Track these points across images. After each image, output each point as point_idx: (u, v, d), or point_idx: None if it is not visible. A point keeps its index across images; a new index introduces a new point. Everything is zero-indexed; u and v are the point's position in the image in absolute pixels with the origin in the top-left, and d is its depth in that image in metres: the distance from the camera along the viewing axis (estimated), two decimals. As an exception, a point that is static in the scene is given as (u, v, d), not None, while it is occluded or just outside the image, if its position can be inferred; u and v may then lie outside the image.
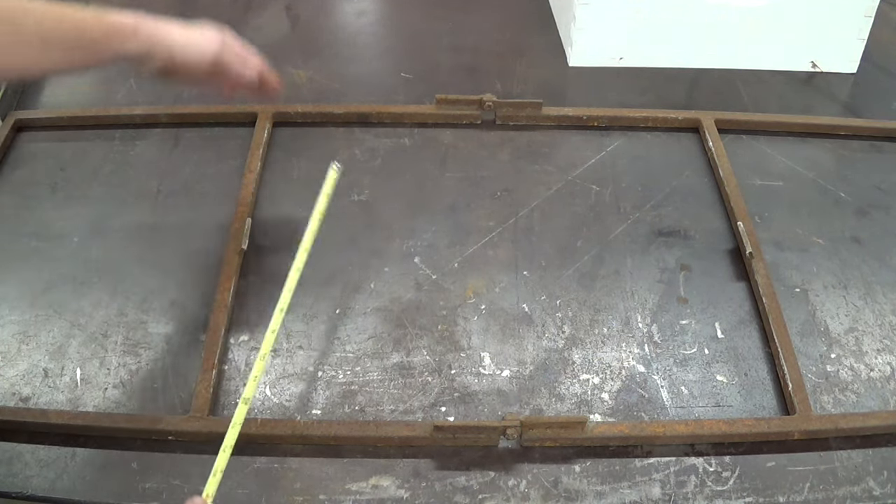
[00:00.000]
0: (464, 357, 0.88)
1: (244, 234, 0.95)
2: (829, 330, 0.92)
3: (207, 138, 1.12)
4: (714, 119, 1.14)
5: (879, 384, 0.87)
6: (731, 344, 0.90)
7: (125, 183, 1.06)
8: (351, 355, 0.87)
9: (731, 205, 1.03)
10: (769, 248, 0.99)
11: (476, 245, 0.99)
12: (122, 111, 1.14)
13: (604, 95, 1.24)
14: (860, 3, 1.25)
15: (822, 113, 1.22)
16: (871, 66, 1.32)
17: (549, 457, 0.80)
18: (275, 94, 0.87)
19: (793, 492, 0.78)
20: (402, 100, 1.20)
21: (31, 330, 0.88)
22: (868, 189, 1.09)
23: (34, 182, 1.05)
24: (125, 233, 0.99)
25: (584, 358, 0.88)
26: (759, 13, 1.25)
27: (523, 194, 1.06)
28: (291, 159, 1.09)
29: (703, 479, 0.78)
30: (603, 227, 1.02)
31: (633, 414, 0.83)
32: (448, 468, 0.79)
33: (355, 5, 1.45)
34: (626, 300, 0.94)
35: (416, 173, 1.09)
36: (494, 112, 1.15)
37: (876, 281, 0.97)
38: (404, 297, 0.93)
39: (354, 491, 0.76)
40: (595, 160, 1.11)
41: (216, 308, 0.88)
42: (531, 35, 1.37)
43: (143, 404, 0.82)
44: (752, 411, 0.84)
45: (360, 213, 1.03)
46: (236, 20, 1.38)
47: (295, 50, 1.31)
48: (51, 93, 1.21)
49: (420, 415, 0.83)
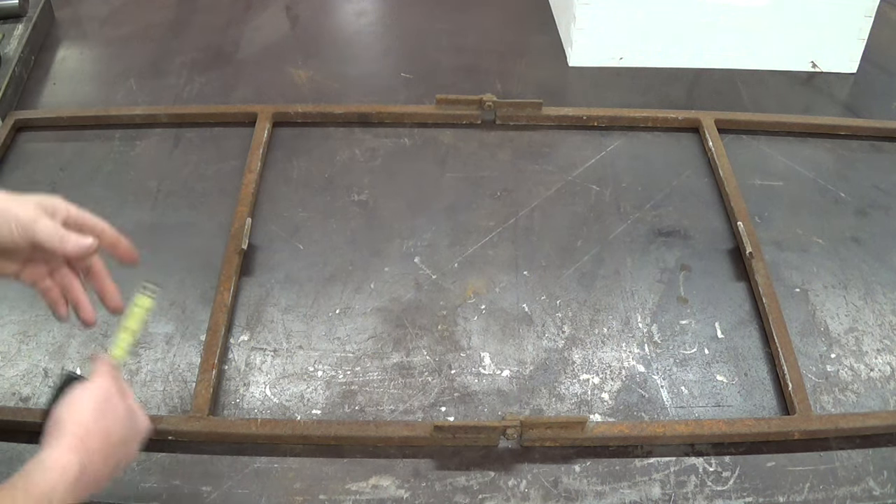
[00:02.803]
0: (464, 357, 0.88)
1: (244, 234, 0.95)
2: (829, 330, 0.92)
3: (207, 138, 1.12)
4: (714, 119, 1.14)
5: (879, 384, 0.87)
6: (731, 344, 0.90)
7: (125, 183, 1.06)
8: (351, 355, 0.87)
9: (731, 205, 1.03)
10: (769, 248, 0.99)
11: (476, 245, 0.99)
12: (122, 111, 1.14)
13: (604, 95, 1.24)
14: (860, 3, 1.25)
15: (822, 113, 1.22)
16: (871, 66, 1.32)
17: (549, 457, 0.80)
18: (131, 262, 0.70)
19: (793, 492, 0.78)
20: (402, 100, 1.20)
21: (31, 330, 0.88)
22: (868, 189, 1.09)
23: (34, 182, 1.05)
24: (125, 233, 0.99)
25: (584, 358, 0.88)
26: (759, 13, 1.25)
27: (523, 194, 1.06)
28: (291, 159, 1.09)
29: (703, 479, 0.78)
30: (603, 227, 1.02)
31: (633, 414, 0.83)
32: (448, 468, 0.79)
33: (355, 5, 1.45)
34: (626, 300, 0.94)
35: (416, 173, 1.09)
36: (494, 112, 1.15)
37: (876, 281, 0.97)
38: (404, 297, 0.93)
39: (354, 491, 0.76)
40: (595, 160, 1.11)
41: (216, 308, 0.88)
42: (531, 35, 1.37)
43: (143, 404, 0.82)
44: (752, 411, 0.84)
45: (360, 213, 1.03)
46: (236, 20, 1.38)
47: (295, 50, 1.31)
48: (51, 93, 1.21)
49: (420, 415, 0.83)
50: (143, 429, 0.65)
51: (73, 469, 0.56)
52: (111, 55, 1.30)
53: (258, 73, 1.26)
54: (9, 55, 1.19)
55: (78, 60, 1.29)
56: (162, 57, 1.28)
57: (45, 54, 1.29)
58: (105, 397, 0.62)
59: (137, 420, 0.64)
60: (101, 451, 0.59)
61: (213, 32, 1.34)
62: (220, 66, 1.27)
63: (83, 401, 0.61)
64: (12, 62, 1.18)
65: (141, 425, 0.65)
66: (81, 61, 1.29)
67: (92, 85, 1.24)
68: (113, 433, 0.61)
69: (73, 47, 1.32)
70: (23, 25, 1.26)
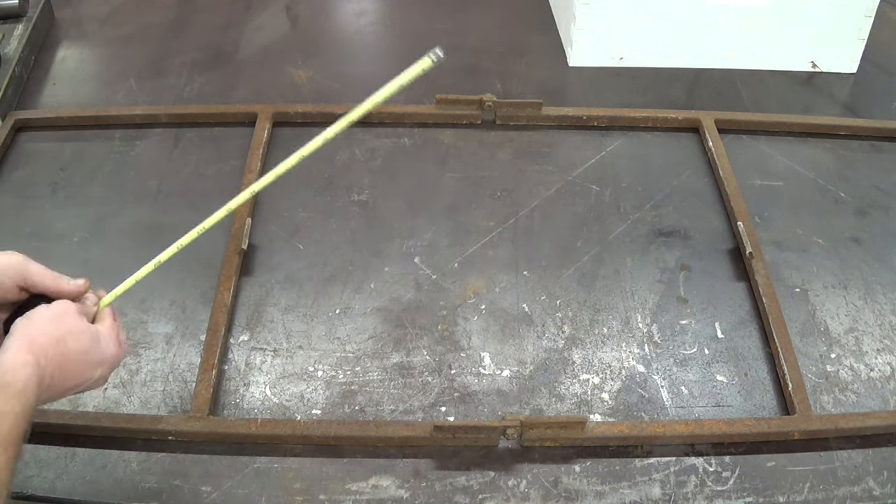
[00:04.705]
0: (464, 357, 0.88)
1: (244, 234, 0.95)
2: (829, 330, 0.92)
3: (207, 138, 1.12)
4: (714, 119, 1.14)
5: (879, 384, 0.87)
6: (731, 344, 0.90)
7: (125, 183, 1.06)
8: (351, 355, 0.87)
9: (731, 205, 1.03)
10: (769, 248, 0.99)
11: (476, 245, 0.99)
12: (122, 111, 1.14)
13: (604, 95, 1.24)
14: (860, 3, 1.25)
15: (822, 113, 1.22)
16: (871, 66, 1.32)
17: (549, 457, 0.80)
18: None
19: (793, 492, 0.78)
20: (402, 100, 1.20)
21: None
22: (868, 189, 1.09)
23: (34, 182, 1.05)
24: (125, 233, 0.99)
25: (584, 358, 0.88)
26: (759, 13, 1.25)
27: (523, 194, 1.06)
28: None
29: (703, 479, 0.78)
30: (603, 227, 1.02)
31: (633, 414, 0.83)
32: (448, 468, 0.78)
33: (355, 5, 1.44)
34: (626, 300, 0.94)
35: (416, 173, 1.09)
36: (494, 112, 1.15)
37: (876, 281, 0.97)
38: (404, 297, 0.93)
39: (354, 491, 0.76)
40: (595, 160, 1.11)
41: (216, 308, 0.88)
42: (531, 35, 1.37)
43: (144, 404, 0.82)
44: (752, 411, 0.84)
45: (360, 213, 1.03)
46: (236, 20, 1.38)
47: (295, 50, 1.31)
48: (51, 93, 1.21)
49: (420, 415, 0.83)
50: (109, 354, 0.65)
51: (29, 367, 0.57)
52: (111, 55, 1.30)
53: (258, 73, 1.26)
54: (9, 55, 1.19)
55: (78, 60, 1.29)
56: (162, 57, 1.28)
57: (45, 54, 1.29)
58: (62, 311, 0.63)
59: (102, 342, 0.64)
60: (55, 356, 0.60)
61: (213, 32, 1.34)
62: (220, 66, 1.27)
63: (38, 311, 0.62)
64: (12, 62, 1.18)
65: (107, 350, 0.65)
66: (81, 61, 1.29)
67: (92, 85, 1.24)
68: (68, 342, 0.61)
69: (73, 47, 1.32)
70: (23, 25, 1.26)
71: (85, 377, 0.63)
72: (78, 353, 0.62)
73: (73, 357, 0.61)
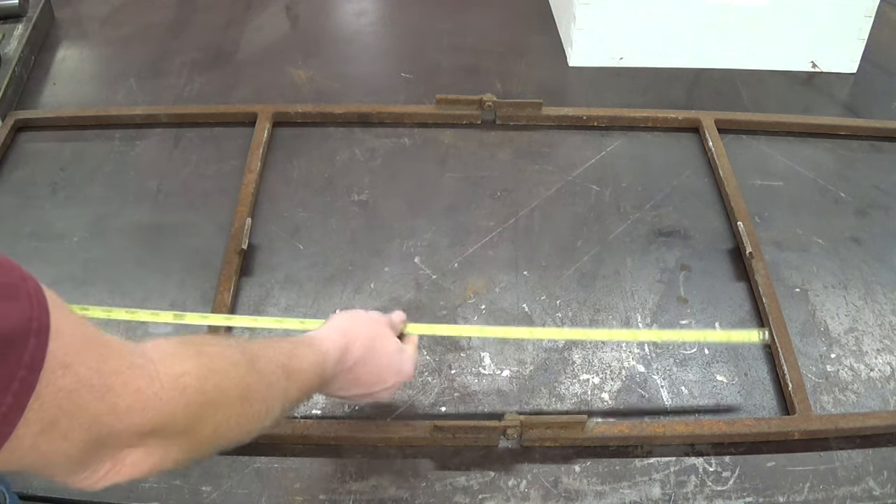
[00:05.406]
0: (464, 357, 0.88)
1: (244, 234, 0.95)
2: (829, 330, 0.92)
3: (207, 138, 1.12)
4: (714, 119, 1.14)
5: (879, 384, 0.87)
6: (731, 344, 0.90)
7: (125, 183, 1.06)
8: (351, 355, 0.87)
9: (731, 205, 1.03)
10: (769, 248, 0.99)
11: (476, 245, 0.99)
12: (122, 111, 1.14)
13: (604, 95, 1.24)
14: (860, 3, 1.25)
15: (822, 113, 1.22)
16: (871, 66, 1.32)
17: (549, 457, 0.80)
18: None
19: (793, 492, 0.77)
20: (402, 100, 1.20)
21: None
22: (868, 189, 1.09)
23: (34, 182, 1.05)
24: (125, 233, 0.99)
25: (584, 358, 0.88)
26: (759, 13, 1.25)
27: (523, 194, 1.06)
28: (291, 159, 1.09)
29: (703, 479, 0.78)
30: (603, 227, 1.02)
31: (633, 414, 0.83)
32: (448, 468, 0.78)
33: (355, 5, 1.45)
34: (626, 300, 0.94)
35: (416, 173, 1.09)
36: (494, 112, 1.15)
37: (876, 281, 0.97)
38: (404, 297, 0.93)
39: (354, 491, 0.76)
40: (595, 160, 1.11)
41: (216, 308, 0.88)
42: (531, 35, 1.37)
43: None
44: (752, 411, 0.84)
45: (360, 213, 1.03)
46: (236, 20, 1.38)
47: (295, 50, 1.31)
48: (51, 93, 1.21)
49: (420, 415, 0.83)
50: (406, 370, 0.71)
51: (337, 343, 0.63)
52: (111, 55, 1.30)
53: (258, 73, 1.26)
54: (9, 55, 1.19)
55: (78, 60, 1.29)
56: (162, 57, 1.28)
57: (45, 54, 1.29)
58: (377, 317, 0.71)
59: (405, 359, 0.71)
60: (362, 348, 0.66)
61: (213, 32, 1.34)
62: (220, 66, 1.27)
63: (358, 312, 0.70)
64: (12, 62, 1.18)
65: (405, 365, 0.71)
66: (81, 61, 1.29)
67: (92, 85, 1.24)
68: (376, 343, 0.68)
69: (73, 47, 1.32)
70: (23, 25, 1.26)
71: (381, 379, 0.68)
72: (382, 356, 0.68)
73: (378, 357, 0.68)
